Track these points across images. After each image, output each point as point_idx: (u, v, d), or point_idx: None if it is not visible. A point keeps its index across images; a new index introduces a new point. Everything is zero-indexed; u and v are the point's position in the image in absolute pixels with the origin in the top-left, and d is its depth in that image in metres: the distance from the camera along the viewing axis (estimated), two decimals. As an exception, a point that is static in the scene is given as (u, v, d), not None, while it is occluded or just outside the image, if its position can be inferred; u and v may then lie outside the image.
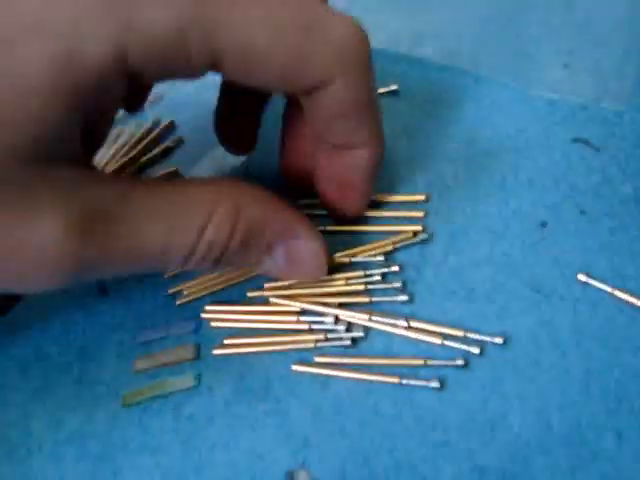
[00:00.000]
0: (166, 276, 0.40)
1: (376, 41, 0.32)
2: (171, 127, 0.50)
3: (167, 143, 0.49)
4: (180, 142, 0.49)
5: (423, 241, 0.38)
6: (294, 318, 0.36)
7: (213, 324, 0.37)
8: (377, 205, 0.40)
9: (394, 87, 0.47)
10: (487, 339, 0.34)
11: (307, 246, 0.33)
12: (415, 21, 0.48)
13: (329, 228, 0.39)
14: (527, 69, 0.45)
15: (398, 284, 0.36)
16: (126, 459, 0.33)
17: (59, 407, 0.36)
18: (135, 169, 0.47)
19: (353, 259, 0.37)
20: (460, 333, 0.34)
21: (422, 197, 0.40)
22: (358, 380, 0.34)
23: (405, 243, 0.38)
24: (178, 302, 0.38)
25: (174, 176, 0.46)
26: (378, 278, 0.36)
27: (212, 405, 0.34)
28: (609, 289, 0.35)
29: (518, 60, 0.45)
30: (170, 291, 0.39)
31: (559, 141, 0.42)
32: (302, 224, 0.32)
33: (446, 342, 0.34)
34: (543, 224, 0.38)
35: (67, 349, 0.38)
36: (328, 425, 0.33)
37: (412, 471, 0.31)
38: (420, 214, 0.39)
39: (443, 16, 0.48)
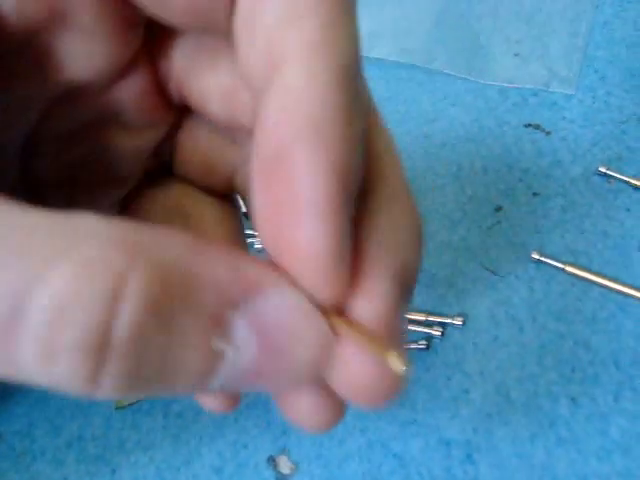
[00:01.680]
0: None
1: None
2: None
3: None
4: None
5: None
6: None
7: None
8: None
9: (355, 87, 0.49)
10: (448, 321, 0.37)
11: (288, 303, 0.17)
12: (370, 22, 0.50)
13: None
14: (479, 60, 0.47)
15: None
16: (122, 457, 0.36)
17: (58, 414, 0.38)
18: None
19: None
20: (422, 317, 0.37)
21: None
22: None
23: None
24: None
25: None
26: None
27: (198, 402, 0.37)
28: (561, 265, 0.38)
29: (470, 52, 0.47)
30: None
31: (511, 127, 0.44)
32: (268, 271, 0.17)
33: (410, 326, 0.37)
34: (498, 208, 0.41)
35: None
36: (304, 412, 0.35)
37: (383, 448, 0.34)
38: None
39: (396, 15, 0.50)
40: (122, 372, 0.14)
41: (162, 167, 0.26)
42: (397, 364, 0.16)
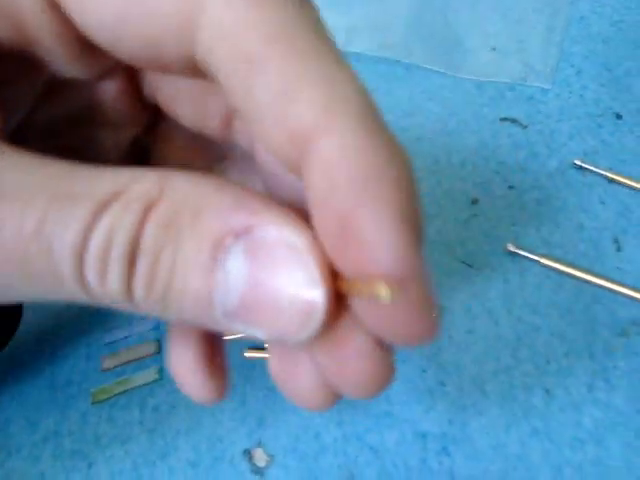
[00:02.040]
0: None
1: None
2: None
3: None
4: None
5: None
6: (245, 308, 0.38)
7: (171, 320, 0.39)
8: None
9: (334, 81, 0.49)
10: (424, 314, 0.37)
11: (283, 236, 0.18)
12: (349, 16, 0.50)
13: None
14: (457, 55, 0.47)
15: (339, 269, 0.39)
16: (99, 452, 0.36)
17: (34, 410, 0.38)
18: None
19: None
20: (398, 310, 0.37)
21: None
22: (306, 361, 0.36)
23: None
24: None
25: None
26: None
27: (174, 396, 0.37)
28: (536, 258, 0.38)
29: (448, 47, 0.48)
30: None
31: (488, 121, 0.44)
32: (271, 206, 0.18)
33: (386, 319, 0.37)
34: (474, 201, 0.41)
35: (39, 355, 0.40)
36: (280, 405, 0.36)
37: (359, 441, 0.34)
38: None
39: (375, 9, 0.50)
40: (144, 280, 0.18)
41: (143, 157, 0.28)
42: (385, 293, 0.16)
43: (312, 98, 0.17)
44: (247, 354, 0.37)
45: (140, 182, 0.18)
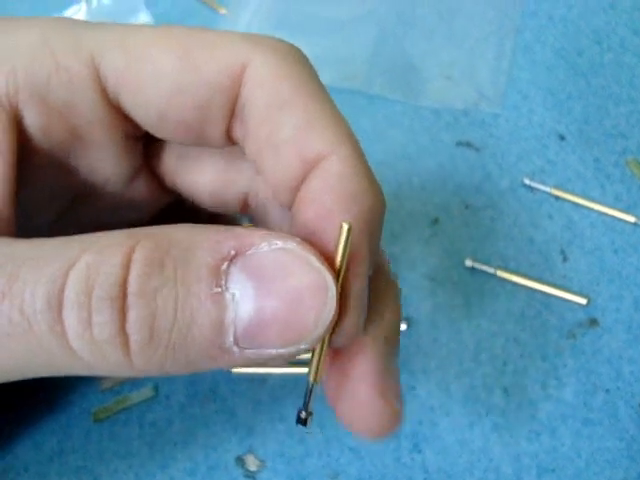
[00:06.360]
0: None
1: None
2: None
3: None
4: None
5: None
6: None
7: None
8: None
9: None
10: (393, 326, 0.41)
11: (275, 246, 0.19)
12: (315, 50, 0.54)
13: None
14: (414, 84, 0.51)
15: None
16: (103, 467, 0.39)
17: (38, 430, 0.41)
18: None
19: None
20: (370, 324, 0.41)
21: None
22: (289, 373, 0.40)
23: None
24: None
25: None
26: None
27: (170, 410, 0.40)
28: (492, 270, 0.42)
29: (406, 76, 0.52)
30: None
31: (445, 146, 0.48)
32: (254, 229, 0.20)
33: (359, 333, 0.40)
34: (434, 221, 0.45)
35: (39, 380, 0.43)
36: (267, 414, 0.39)
37: (340, 443, 0.38)
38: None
39: (339, 43, 0.54)
40: (142, 322, 0.18)
41: None
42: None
43: (324, 132, 0.23)
44: (235, 370, 0.40)
45: (109, 237, 0.19)
